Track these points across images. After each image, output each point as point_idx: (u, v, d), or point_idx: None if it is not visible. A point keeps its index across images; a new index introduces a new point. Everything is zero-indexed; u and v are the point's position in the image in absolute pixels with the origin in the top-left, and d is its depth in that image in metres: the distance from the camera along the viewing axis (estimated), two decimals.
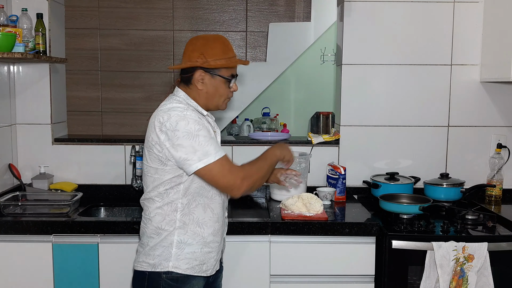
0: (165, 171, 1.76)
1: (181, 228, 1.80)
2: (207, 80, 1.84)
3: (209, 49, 1.82)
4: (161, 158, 1.75)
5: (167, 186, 1.78)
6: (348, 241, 2.27)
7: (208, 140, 1.72)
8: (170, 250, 1.80)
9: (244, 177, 1.76)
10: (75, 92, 3.65)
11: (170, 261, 1.80)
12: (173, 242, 1.80)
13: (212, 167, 1.72)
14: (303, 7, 3.74)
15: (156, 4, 3.66)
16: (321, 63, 4.09)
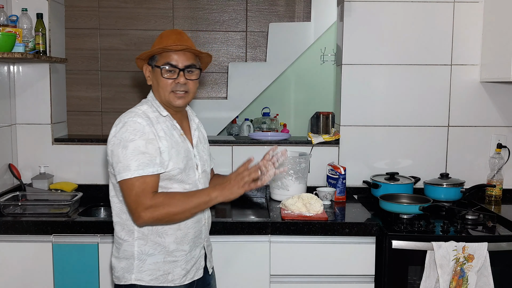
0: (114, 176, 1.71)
1: (141, 238, 1.74)
2: (150, 74, 1.82)
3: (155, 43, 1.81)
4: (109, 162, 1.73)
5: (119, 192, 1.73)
6: (348, 241, 2.27)
7: (136, 155, 1.64)
8: (132, 262, 1.74)
9: (150, 207, 1.62)
10: (75, 92, 3.66)
11: (132, 273, 1.74)
12: (134, 253, 1.74)
13: (124, 184, 1.65)
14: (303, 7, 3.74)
15: (156, 4, 3.66)
16: (321, 63, 4.10)
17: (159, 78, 1.77)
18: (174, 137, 1.77)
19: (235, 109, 3.69)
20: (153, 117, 1.75)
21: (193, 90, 1.81)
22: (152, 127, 1.71)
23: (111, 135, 1.71)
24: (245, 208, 2.59)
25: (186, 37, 1.81)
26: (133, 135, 1.66)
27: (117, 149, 1.66)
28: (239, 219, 2.36)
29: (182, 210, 1.66)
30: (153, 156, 1.67)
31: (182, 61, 1.76)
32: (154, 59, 1.79)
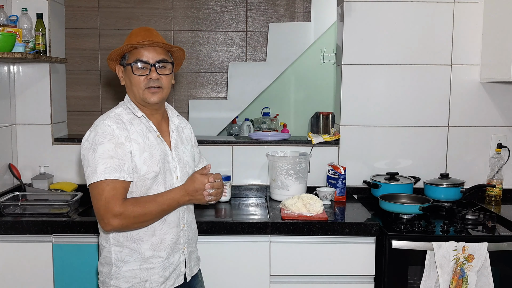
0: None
1: (117, 245, 1.72)
2: (122, 73, 1.79)
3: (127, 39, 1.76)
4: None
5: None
6: (348, 241, 2.27)
7: (104, 158, 1.61)
8: (111, 268, 1.73)
9: (119, 215, 1.60)
10: (75, 92, 3.66)
11: (111, 279, 1.73)
12: (112, 260, 1.73)
13: (92, 188, 1.63)
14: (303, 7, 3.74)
15: (156, 4, 3.66)
16: (321, 63, 4.10)
17: (131, 76, 1.73)
18: (148, 139, 1.74)
19: (235, 109, 3.69)
20: (126, 120, 1.72)
21: (167, 85, 1.77)
22: (125, 130, 1.69)
23: (84, 139, 1.69)
24: (245, 208, 2.59)
25: (155, 33, 1.78)
26: (103, 138, 1.64)
27: (88, 152, 1.65)
28: (239, 219, 2.36)
29: (151, 216, 1.66)
30: (122, 161, 1.64)
31: (152, 56, 1.73)
32: (125, 58, 1.75)
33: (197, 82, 3.75)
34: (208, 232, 2.21)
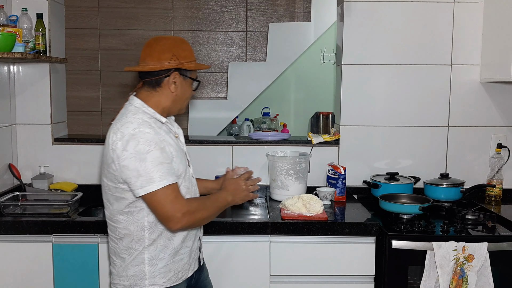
0: (124, 190, 1.69)
1: (151, 245, 1.74)
2: (179, 83, 1.78)
3: (180, 50, 1.77)
4: (116, 177, 1.68)
5: (131, 205, 1.70)
6: (348, 241, 2.27)
7: (156, 165, 1.63)
8: (143, 269, 1.74)
9: (187, 212, 1.67)
10: (75, 92, 3.66)
11: (145, 279, 1.74)
12: (145, 260, 1.74)
13: (153, 195, 1.64)
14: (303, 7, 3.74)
15: (156, 4, 3.66)
16: (321, 63, 4.10)
17: (188, 89, 1.83)
18: (173, 140, 1.80)
19: (235, 109, 3.69)
20: (154, 125, 1.73)
21: None
22: (159, 135, 1.71)
23: (120, 149, 1.64)
24: (245, 208, 2.59)
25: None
26: (148, 146, 1.64)
27: (134, 163, 1.62)
28: (239, 219, 2.36)
29: (210, 214, 1.79)
30: (169, 164, 1.69)
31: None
32: (187, 70, 1.80)
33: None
34: (208, 232, 2.21)
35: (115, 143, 1.65)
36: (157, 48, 1.76)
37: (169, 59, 1.74)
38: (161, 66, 1.73)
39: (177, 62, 1.75)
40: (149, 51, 1.76)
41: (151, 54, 1.75)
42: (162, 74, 1.75)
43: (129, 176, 1.64)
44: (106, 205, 1.79)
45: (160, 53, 1.74)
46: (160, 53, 1.74)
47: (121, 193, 1.70)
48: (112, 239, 1.81)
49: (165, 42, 1.77)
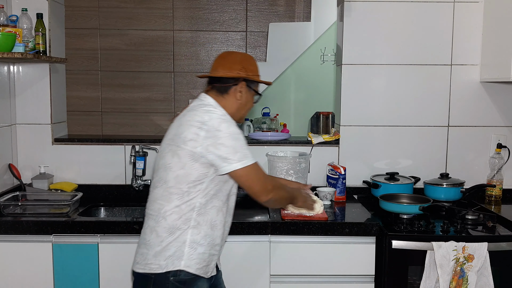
0: (193, 168, 1.78)
1: (195, 227, 1.81)
2: (244, 92, 1.94)
3: (249, 64, 1.96)
4: (194, 154, 1.77)
5: (191, 184, 1.79)
6: (348, 241, 2.27)
7: (246, 144, 1.83)
8: (183, 249, 1.80)
9: (275, 187, 1.91)
10: (75, 92, 3.66)
11: (182, 260, 1.80)
12: (186, 241, 1.81)
13: (249, 170, 1.81)
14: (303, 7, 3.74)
15: (156, 4, 3.66)
16: (321, 63, 4.09)
17: (250, 101, 2.00)
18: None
19: None
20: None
21: None
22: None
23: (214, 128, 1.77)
24: (245, 208, 2.58)
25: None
26: (237, 128, 1.83)
27: (230, 141, 1.78)
28: (239, 219, 2.35)
29: (287, 197, 2.05)
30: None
31: None
32: (253, 83, 1.97)
33: (197, 82, 3.75)
34: None
35: (204, 123, 1.78)
36: (229, 59, 1.95)
37: (238, 70, 1.92)
38: (231, 74, 1.91)
39: (246, 73, 1.93)
40: (221, 62, 1.95)
41: (223, 64, 1.94)
42: (231, 83, 1.92)
43: (225, 152, 1.76)
44: (160, 184, 1.84)
45: (232, 64, 1.93)
46: (231, 63, 1.93)
47: (188, 170, 1.78)
48: (152, 217, 1.85)
49: (236, 55, 1.98)
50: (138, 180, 2.74)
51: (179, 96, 3.76)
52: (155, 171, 1.91)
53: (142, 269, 1.84)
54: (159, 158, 1.89)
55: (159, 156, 1.90)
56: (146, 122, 3.73)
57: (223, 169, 1.79)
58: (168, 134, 1.90)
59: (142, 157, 2.73)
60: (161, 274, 1.79)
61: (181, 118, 1.88)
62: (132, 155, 2.75)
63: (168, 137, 1.88)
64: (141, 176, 2.74)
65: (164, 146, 1.88)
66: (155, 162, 1.95)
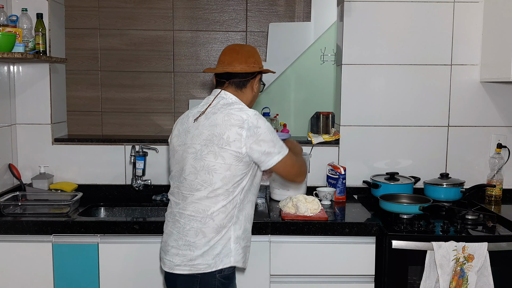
0: (238, 168, 1.83)
1: (236, 223, 1.88)
2: (257, 85, 2.03)
3: (257, 57, 2.01)
4: (239, 154, 1.81)
5: (236, 184, 1.84)
6: (348, 241, 2.27)
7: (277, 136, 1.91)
8: (229, 246, 1.86)
9: (302, 165, 2.03)
10: (75, 92, 3.66)
11: (231, 256, 1.86)
12: (231, 237, 1.86)
13: (287, 158, 1.90)
14: (303, 7, 3.74)
15: (156, 4, 3.66)
16: (321, 63, 4.09)
17: (259, 89, 2.07)
18: None
19: None
20: None
21: None
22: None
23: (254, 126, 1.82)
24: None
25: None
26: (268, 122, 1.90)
27: (268, 135, 1.85)
28: None
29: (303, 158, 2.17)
30: None
31: None
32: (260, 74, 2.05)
33: (197, 82, 3.75)
34: None
35: (244, 122, 1.82)
36: (242, 53, 1.97)
37: (253, 63, 1.98)
38: (249, 69, 1.96)
39: (259, 66, 2.00)
40: (236, 56, 1.96)
41: (238, 59, 1.96)
42: (249, 77, 1.98)
43: (267, 147, 1.84)
44: (204, 186, 1.84)
45: (247, 58, 1.97)
46: (246, 57, 1.97)
47: (234, 171, 1.82)
48: (196, 219, 1.85)
49: (247, 49, 2.01)
50: (138, 180, 2.74)
51: (179, 96, 3.76)
52: (186, 174, 1.87)
53: (188, 270, 1.85)
54: (193, 160, 1.85)
55: (192, 158, 1.86)
56: (146, 122, 3.73)
57: (267, 164, 1.86)
58: (196, 135, 1.87)
59: (142, 157, 2.73)
60: (208, 273, 1.83)
61: (211, 118, 1.87)
62: (132, 155, 2.75)
63: (201, 138, 1.85)
64: (141, 176, 2.74)
65: (198, 147, 1.85)
66: (180, 163, 1.91)
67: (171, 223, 1.93)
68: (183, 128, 1.95)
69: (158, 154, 2.82)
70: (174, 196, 1.95)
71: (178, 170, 1.92)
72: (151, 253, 2.27)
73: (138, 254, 2.27)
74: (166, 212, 2.00)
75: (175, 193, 1.94)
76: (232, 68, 1.95)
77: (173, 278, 1.90)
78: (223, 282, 1.87)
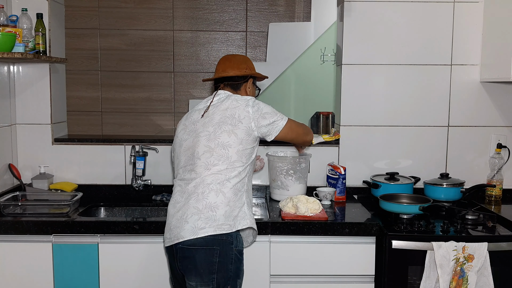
0: (248, 141, 2.06)
1: (247, 191, 2.08)
2: (251, 88, 2.27)
3: (250, 64, 2.27)
4: (249, 129, 2.06)
5: (248, 155, 2.07)
6: (348, 241, 2.27)
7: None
8: (245, 210, 2.03)
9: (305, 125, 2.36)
10: (75, 92, 3.66)
11: (247, 219, 2.02)
12: (245, 202, 2.04)
13: (291, 122, 2.22)
14: (303, 7, 3.74)
15: (156, 4, 3.66)
16: (321, 63, 4.09)
17: (253, 93, 2.31)
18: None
19: None
20: None
21: None
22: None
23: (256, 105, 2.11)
24: None
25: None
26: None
27: (268, 108, 2.15)
28: None
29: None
30: None
31: None
32: (255, 79, 2.31)
33: (197, 82, 3.75)
34: None
35: (248, 102, 2.10)
36: (234, 61, 2.24)
37: (245, 69, 2.23)
38: (241, 73, 2.21)
39: (250, 71, 2.24)
40: (228, 64, 2.22)
41: (231, 66, 2.21)
42: (241, 80, 2.22)
43: (271, 116, 2.13)
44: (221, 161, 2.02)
45: (238, 64, 2.23)
46: (238, 64, 2.23)
47: (245, 144, 2.05)
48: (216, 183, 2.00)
49: (239, 57, 2.27)
50: (138, 180, 2.74)
51: (179, 96, 3.76)
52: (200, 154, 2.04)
53: (213, 231, 1.94)
54: (207, 140, 2.04)
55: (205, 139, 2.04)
56: (146, 122, 3.73)
57: (275, 131, 2.14)
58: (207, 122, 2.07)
59: (142, 157, 2.73)
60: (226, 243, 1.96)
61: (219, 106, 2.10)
62: (132, 155, 2.75)
63: (214, 122, 2.06)
64: (141, 176, 2.74)
65: (211, 129, 2.05)
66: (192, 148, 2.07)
67: (183, 200, 2.02)
68: (190, 121, 2.16)
69: (158, 154, 2.82)
70: (187, 178, 2.06)
71: (189, 155, 2.08)
72: (151, 253, 2.27)
73: (138, 254, 2.27)
74: (173, 198, 2.08)
75: (187, 175, 2.07)
76: (226, 73, 2.19)
77: (191, 254, 1.95)
78: (238, 257, 2.01)
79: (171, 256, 2.05)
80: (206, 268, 1.94)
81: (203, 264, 1.94)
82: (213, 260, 1.94)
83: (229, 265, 1.97)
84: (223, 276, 1.96)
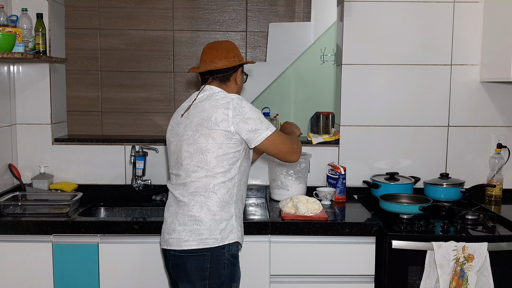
0: (229, 146, 1.92)
1: (236, 202, 1.98)
2: (240, 76, 2.13)
3: (236, 50, 2.10)
4: (228, 133, 1.90)
5: (230, 161, 1.93)
6: (348, 241, 2.27)
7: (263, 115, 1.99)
8: (232, 223, 1.95)
9: (294, 142, 2.05)
10: (75, 92, 3.66)
11: (234, 232, 1.95)
12: (233, 215, 1.96)
13: (276, 135, 1.97)
14: (303, 7, 3.74)
15: (156, 4, 3.66)
16: (321, 63, 4.09)
17: (242, 81, 2.16)
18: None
19: None
20: None
21: None
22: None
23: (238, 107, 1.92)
24: (245, 208, 2.58)
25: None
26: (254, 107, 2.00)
27: (254, 113, 1.94)
28: None
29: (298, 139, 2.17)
30: None
31: None
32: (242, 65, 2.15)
33: (197, 82, 3.75)
34: None
35: (229, 103, 1.92)
36: (221, 50, 2.06)
37: (233, 57, 2.06)
38: (230, 63, 2.04)
39: (239, 59, 2.09)
40: (215, 53, 2.05)
41: (219, 55, 2.05)
42: (231, 71, 2.07)
43: (254, 124, 1.92)
44: (199, 167, 1.92)
45: (226, 53, 2.05)
46: (226, 53, 2.05)
47: (225, 149, 1.91)
48: (200, 194, 1.93)
49: (226, 44, 2.09)
50: (138, 180, 2.74)
51: (179, 96, 3.75)
52: (182, 159, 1.96)
53: (196, 245, 1.91)
54: (187, 145, 1.94)
55: (185, 144, 1.95)
56: (146, 122, 3.73)
57: (256, 140, 1.93)
58: (188, 124, 1.96)
59: (142, 157, 2.73)
60: (217, 249, 1.91)
61: (199, 106, 1.97)
62: (132, 155, 2.75)
63: (192, 125, 1.94)
64: (141, 176, 2.74)
65: (190, 133, 1.94)
66: (176, 152, 2.00)
67: (174, 205, 1.99)
68: (175, 122, 2.07)
69: (158, 154, 2.83)
70: (174, 183, 2.02)
71: (175, 159, 2.02)
72: (151, 253, 2.27)
73: (138, 254, 2.27)
74: (168, 200, 2.07)
75: (174, 180, 2.02)
76: (214, 65, 2.04)
77: (182, 260, 1.93)
78: (231, 260, 1.95)
79: (165, 260, 2.05)
80: (198, 275, 1.92)
81: (194, 271, 1.92)
82: (204, 266, 1.91)
83: (221, 270, 1.92)
84: (216, 281, 1.92)
